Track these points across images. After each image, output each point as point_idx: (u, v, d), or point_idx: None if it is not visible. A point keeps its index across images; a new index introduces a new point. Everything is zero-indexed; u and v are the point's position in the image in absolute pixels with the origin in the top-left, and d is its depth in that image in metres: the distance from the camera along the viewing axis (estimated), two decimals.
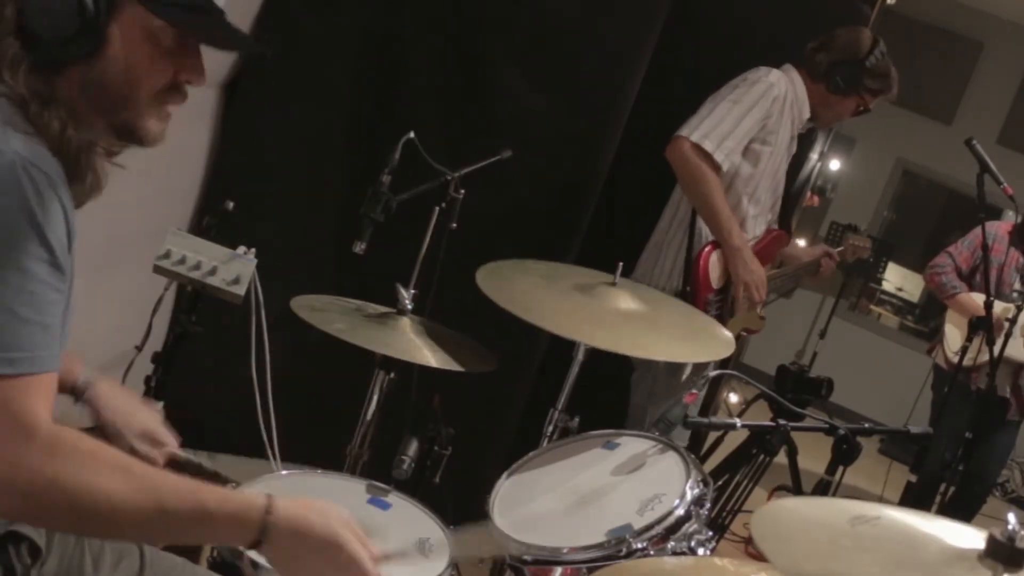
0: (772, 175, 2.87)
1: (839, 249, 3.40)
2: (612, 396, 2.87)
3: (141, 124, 1.22)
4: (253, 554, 1.55)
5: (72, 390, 1.53)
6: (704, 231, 2.81)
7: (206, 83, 1.26)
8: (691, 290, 2.74)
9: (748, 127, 2.73)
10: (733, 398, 5.48)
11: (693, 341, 2.09)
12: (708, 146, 2.68)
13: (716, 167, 2.71)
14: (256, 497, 1.19)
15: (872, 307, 7.71)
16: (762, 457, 2.69)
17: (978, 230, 4.02)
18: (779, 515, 1.14)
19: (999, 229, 3.94)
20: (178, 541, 1.21)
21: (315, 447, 2.21)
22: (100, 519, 1.10)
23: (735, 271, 2.77)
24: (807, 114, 2.91)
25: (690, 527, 1.66)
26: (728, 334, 2.16)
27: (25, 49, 1.13)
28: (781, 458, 2.46)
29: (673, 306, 2.30)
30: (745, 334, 3.00)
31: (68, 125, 1.15)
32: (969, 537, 1.06)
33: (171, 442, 1.62)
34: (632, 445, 1.93)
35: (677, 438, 2.84)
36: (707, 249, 2.78)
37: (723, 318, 2.83)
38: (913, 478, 3.70)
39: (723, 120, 2.70)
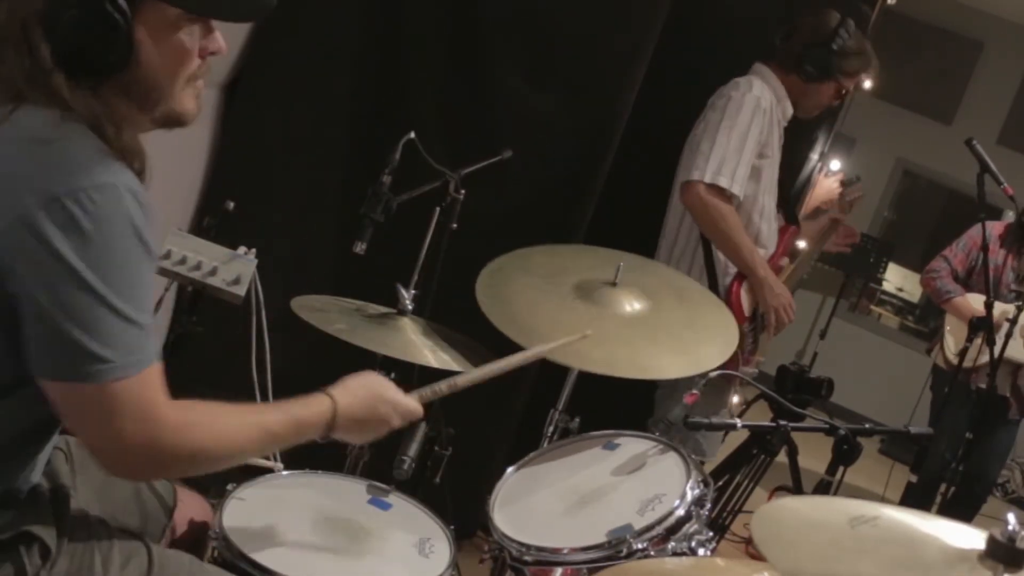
0: (771, 183, 2.87)
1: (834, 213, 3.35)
2: (613, 396, 2.86)
3: (182, 108, 1.30)
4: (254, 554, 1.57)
5: None
6: (722, 259, 2.81)
7: (225, 51, 1.32)
8: None
9: (752, 148, 2.71)
10: (734, 398, 5.47)
11: (694, 350, 2.07)
12: (723, 182, 2.65)
13: (730, 199, 2.70)
14: (320, 400, 1.49)
15: (872, 307, 7.71)
16: (762, 457, 2.68)
17: (972, 232, 4.05)
18: (779, 516, 1.14)
19: (992, 230, 3.94)
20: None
21: (316, 447, 2.21)
22: (230, 459, 1.35)
23: (764, 300, 2.78)
24: (790, 110, 2.87)
25: (690, 527, 1.66)
26: (730, 319, 2.16)
27: (72, 77, 1.19)
28: (781, 458, 2.46)
29: (675, 301, 2.29)
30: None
31: (136, 138, 1.23)
32: (969, 537, 1.06)
33: None
34: (632, 445, 1.93)
35: (709, 444, 2.88)
36: (736, 282, 2.79)
37: (757, 340, 2.88)
38: (913, 478, 3.69)
39: (727, 150, 2.67)
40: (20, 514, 1.28)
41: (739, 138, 2.69)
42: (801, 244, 3.16)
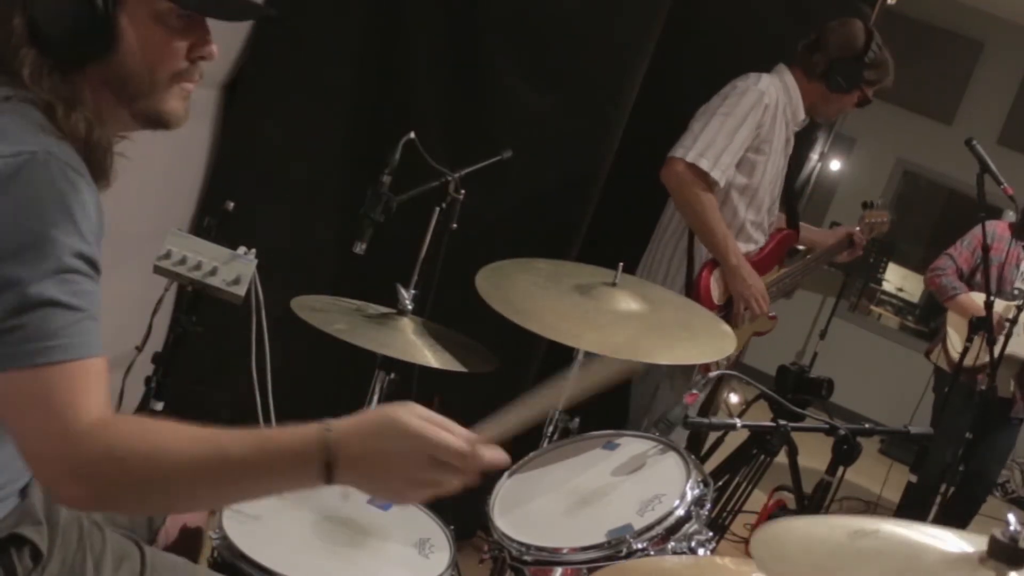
0: (769, 180, 2.86)
1: (856, 229, 3.36)
2: (613, 396, 2.86)
3: (165, 108, 1.25)
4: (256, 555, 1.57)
5: None
6: (703, 251, 2.81)
7: (216, 57, 1.28)
8: None
9: (742, 139, 2.71)
10: (733, 398, 5.47)
11: (688, 343, 2.08)
12: (705, 165, 2.66)
13: (712, 185, 2.70)
14: (309, 426, 1.12)
15: (872, 307, 7.71)
16: (762, 457, 2.68)
17: (976, 230, 4.02)
18: (779, 535, 1.13)
19: (997, 228, 3.94)
20: (252, 494, 1.15)
21: None
22: (166, 481, 1.08)
23: (735, 289, 2.78)
24: (802, 115, 2.88)
25: (690, 527, 1.66)
26: (728, 330, 2.15)
27: (43, 55, 1.15)
28: (781, 458, 2.46)
29: (675, 305, 2.29)
30: (756, 336, 3.01)
31: (94, 126, 1.18)
32: (969, 542, 1.06)
33: None
34: (632, 446, 1.93)
35: (675, 438, 2.85)
36: (706, 269, 2.78)
37: None
38: (913, 478, 3.69)
39: (717, 136, 2.68)
40: (10, 516, 1.26)
41: (732, 126, 2.69)
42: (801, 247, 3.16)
